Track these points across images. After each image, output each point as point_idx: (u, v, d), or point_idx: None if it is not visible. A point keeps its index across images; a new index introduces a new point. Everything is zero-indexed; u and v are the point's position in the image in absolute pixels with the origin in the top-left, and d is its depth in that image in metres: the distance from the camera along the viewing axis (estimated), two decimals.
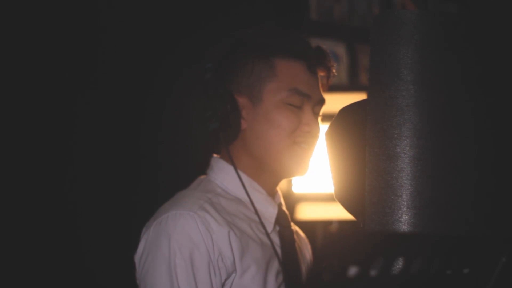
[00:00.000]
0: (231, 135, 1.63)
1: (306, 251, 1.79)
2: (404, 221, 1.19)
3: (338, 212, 2.57)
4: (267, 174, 1.67)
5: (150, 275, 1.56)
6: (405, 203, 1.19)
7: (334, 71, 1.69)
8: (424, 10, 3.30)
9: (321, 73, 1.68)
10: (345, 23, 3.43)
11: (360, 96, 1.68)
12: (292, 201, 2.74)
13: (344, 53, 3.40)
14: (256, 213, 1.60)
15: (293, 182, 2.77)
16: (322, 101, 1.68)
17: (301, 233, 1.80)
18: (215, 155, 1.70)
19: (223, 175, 1.66)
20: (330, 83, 1.70)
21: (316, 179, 2.73)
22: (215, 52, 1.70)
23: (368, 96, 1.24)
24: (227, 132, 1.62)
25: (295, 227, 1.76)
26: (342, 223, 2.76)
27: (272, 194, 1.69)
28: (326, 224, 2.83)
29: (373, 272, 1.05)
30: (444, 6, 3.54)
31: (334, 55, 3.37)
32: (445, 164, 1.20)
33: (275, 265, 1.62)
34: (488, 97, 1.24)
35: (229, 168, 1.65)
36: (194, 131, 1.68)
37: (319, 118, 1.68)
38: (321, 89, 1.68)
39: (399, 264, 1.07)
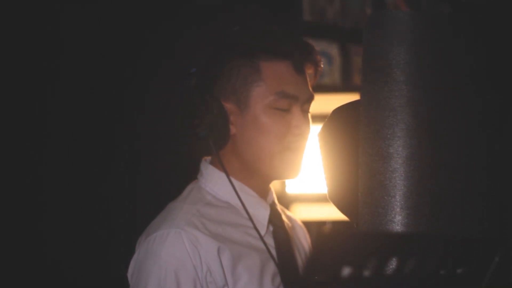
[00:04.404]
0: (221, 141, 1.62)
1: (303, 239, 1.78)
2: (397, 222, 1.19)
3: (332, 213, 2.57)
4: (258, 177, 1.65)
5: None
6: (398, 204, 1.19)
7: (321, 65, 1.67)
8: (417, 11, 3.31)
9: (309, 70, 1.66)
10: (338, 24, 3.43)
11: (353, 97, 1.67)
12: (285, 202, 2.74)
13: (337, 54, 3.40)
14: (250, 218, 1.60)
15: (286, 183, 2.77)
16: (310, 98, 1.65)
17: (298, 222, 1.80)
18: (204, 158, 1.69)
19: (213, 181, 1.65)
20: (317, 78, 1.68)
21: (309, 180, 2.73)
22: (199, 56, 1.67)
23: (361, 96, 1.24)
24: (217, 139, 1.61)
25: (289, 215, 1.77)
26: (336, 224, 2.76)
27: (264, 194, 1.68)
28: (320, 224, 2.83)
29: (366, 273, 1.05)
30: (438, 6, 3.54)
31: (327, 56, 3.37)
32: (438, 164, 1.20)
33: (270, 268, 1.61)
34: (480, 97, 1.24)
35: (219, 174, 1.64)
36: (182, 134, 1.66)
37: (309, 115, 1.66)
38: (309, 85, 1.65)
39: (392, 264, 1.07)
